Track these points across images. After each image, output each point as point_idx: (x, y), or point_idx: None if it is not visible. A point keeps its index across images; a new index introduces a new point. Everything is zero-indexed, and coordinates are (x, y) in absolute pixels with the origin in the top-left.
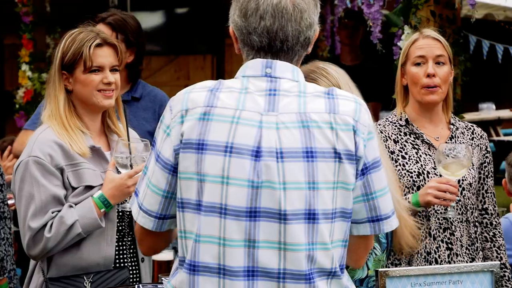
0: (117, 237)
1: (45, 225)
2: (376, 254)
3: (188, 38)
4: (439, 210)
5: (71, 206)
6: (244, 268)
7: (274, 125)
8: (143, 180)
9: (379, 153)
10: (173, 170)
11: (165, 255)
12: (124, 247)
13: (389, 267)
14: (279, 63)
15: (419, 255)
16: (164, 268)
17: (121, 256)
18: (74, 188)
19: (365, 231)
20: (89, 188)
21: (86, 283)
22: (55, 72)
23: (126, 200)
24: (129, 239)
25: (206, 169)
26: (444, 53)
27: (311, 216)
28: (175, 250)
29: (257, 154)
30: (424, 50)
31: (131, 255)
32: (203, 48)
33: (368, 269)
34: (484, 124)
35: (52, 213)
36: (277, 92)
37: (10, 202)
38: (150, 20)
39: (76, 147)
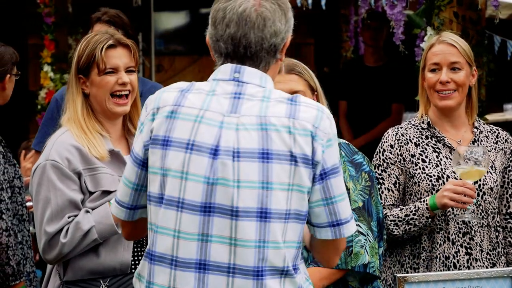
0: (134, 244)
1: (61, 230)
2: (370, 241)
3: None
4: (458, 213)
5: (87, 212)
6: (195, 261)
7: (234, 126)
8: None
9: (339, 160)
10: (142, 164)
11: None
12: (142, 252)
13: (407, 271)
14: (248, 69)
15: (437, 259)
16: None
17: (138, 261)
18: (91, 193)
19: (327, 236)
20: (106, 193)
21: (102, 286)
22: (72, 77)
23: None
24: (147, 245)
25: (168, 164)
26: (459, 59)
27: (263, 215)
28: None
29: (215, 152)
30: (438, 57)
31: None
32: None
33: (368, 255)
34: (509, 125)
35: (68, 218)
36: (241, 96)
37: (28, 204)
38: (173, 20)
39: (95, 150)
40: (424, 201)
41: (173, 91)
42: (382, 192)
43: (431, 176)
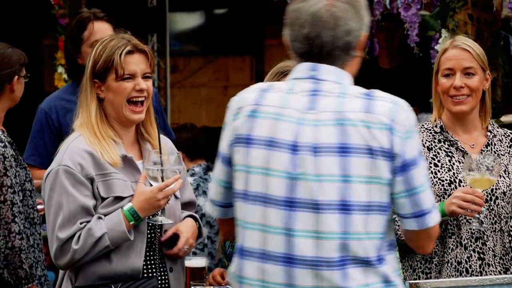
0: (147, 248)
1: (73, 236)
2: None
3: (227, 39)
4: (470, 220)
5: (100, 218)
6: (283, 255)
7: (312, 122)
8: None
9: (419, 151)
10: (229, 162)
11: (197, 261)
12: (154, 258)
13: (419, 276)
14: (324, 66)
15: (449, 264)
16: (197, 275)
17: (150, 267)
18: (103, 199)
19: (412, 226)
20: (119, 198)
21: None
22: (87, 81)
23: (157, 213)
24: (159, 251)
25: (251, 162)
26: (473, 64)
27: (344, 207)
28: (211, 256)
29: (294, 148)
30: (452, 62)
31: (161, 265)
32: (242, 49)
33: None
34: None
35: (81, 224)
36: (318, 93)
37: (39, 207)
38: (189, 21)
39: (107, 156)
40: None
41: (253, 91)
42: None
43: (443, 181)
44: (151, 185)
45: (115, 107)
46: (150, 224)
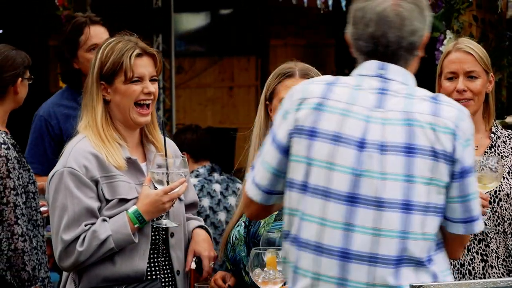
0: (151, 251)
1: (77, 238)
2: None
3: (232, 39)
4: None
5: (104, 220)
6: (339, 249)
7: (380, 120)
8: (260, 156)
9: (474, 160)
10: (285, 151)
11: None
12: (158, 260)
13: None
14: (392, 66)
15: (452, 266)
16: (201, 277)
17: (154, 270)
18: (108, 201)
19: (458, 231)
20: (123, 201)
21: None
22: (93, 82)
23: (161, 216)
24: (163, 253)
25: (315, 154)
26: (475, 68)
27: (406, 206)
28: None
29: (361, 145)
30: (455, 66)
31: (166, 268)
32: (247, 49)
33: None
34: None
35: (85, 226)
36: (386, 92)
37: (42, 209)
38: (194, 21)
39: (112, 159)
40: None
41: (320, 83)
42: None
43: None
44: (155, 187)
45: (122, 110)
46: (154, 226)
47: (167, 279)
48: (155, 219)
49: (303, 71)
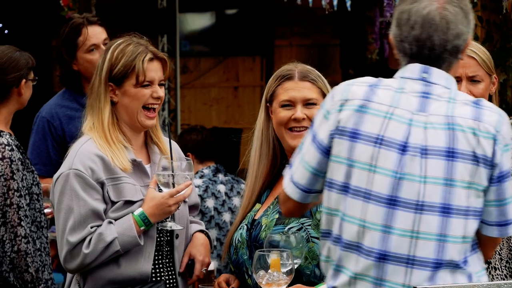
0: (155, 252)
1: (83, 240)
2: None
3: (237, 39)
4: None
5: (110, 222)
6: (377, 251)
7: (423, 124)
8: (298, 154)
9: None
10: (325, 151)
11: None
12: (162, 262)
13: None
14: (435, 70)
15: None
16: (205, 278)
17: (158, 271)
18: (113, 202)
19: (493, 234)
20: (129, 203)
21: None
22: (101, 84)
23: (166, 219)
24: (167, 255)
25: (356, 156)
26: (478, 72)
27: (445, 210)
28: (220, 257)
29: (403, 148)
30: (459, 71)
31: (169, 269)
32: (252, 49)
33: None
34: None
35: (91, 228)
36: (429, 96)
37: (46, 211)
38: (199, 21)
39: (118, 161)
40: None
41: (362, 85)
42: None
43: None
44: (160, 190)
45: (130, 112)
46: (160, 228)
47: (170, 280)
48: (160, 221)
49: (302, 73)
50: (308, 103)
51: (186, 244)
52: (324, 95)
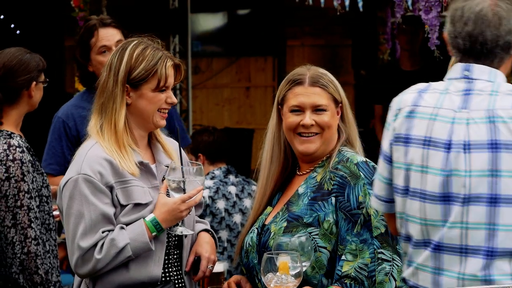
0: (165, 256)
1: (95, 245)
2: (397, 265)
3: (249, 39)
4: None
5: (122, 228)
6: (435, 242)
7: (465, 120)
8: (377, 170)
9: None
10: (390, 160)
11: (216, 266)
12: (170, 263)
13: None
14: (477, 66)
15: None
16: (215, 280)
17: (167, 272)
18: (122, 206)
19: None
20: (138, 205)
21: None
22: (117, 85)
23: (177, 224)
24: (175, 257)
25: (410, 159)
26: None
27: (492, 200)
28: (231, 259)
29: (448, 146)
30: None
31: (176, 268)
32: (264, 49)
33: (395, 280)
34: None
35: (102, 232)
36: (471, 92)
37: (55, 213)
38: (211, 22)
39: (126, 166)
40: None
41: (412, 92)
42: None
43: None
44: (168, 195)
45: (145, 114)
46: (171, 233)
47: (178, 280)
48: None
49: (313, 79)
50: (317, 109)
51: (192, 244)
52: (335, 101)
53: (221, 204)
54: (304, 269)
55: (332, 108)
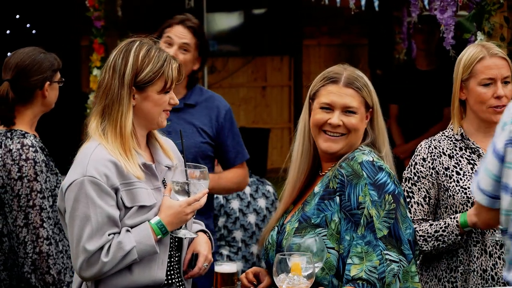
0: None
1: (101, 248)
2: (404, 266)
3: (265, 39)
4: (491, 232)
5: (128, 231)
6: None
7: None
8: (483, 163)
9: None
10: (502, 159)
11: (228, 267)
12: (172, 265)
13: (444, 286)
14: None
15: (475, 273)
16: (228, 281)
17: (168, 275)
18: (126, 208)
19: None
20: (143, 208)
21: None
22: (123, 87)
23: (180, 227)
24: (176, 259)
25: None
26: (509, 73)
27: None
28: (246, 259)
29: None
30: (494, 72)
31: (177, 270)
32: (280, 49)
33: (400, 281)
34: None
35: (108, 235)
36: None
37: None
38: (227, 21)
39: (132, 169)
40: (454, 218)
41: None
42: (412, 206)
43: (465, 189)
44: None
45: (150, 116)
46: (174, 236)
47: (179, 283)
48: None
49: (348, 80)
50: (347, 111)
51: (189, 244)
52: (366, 105)
53: (235, 204)
54: (316, 270)
55: (362, 111)
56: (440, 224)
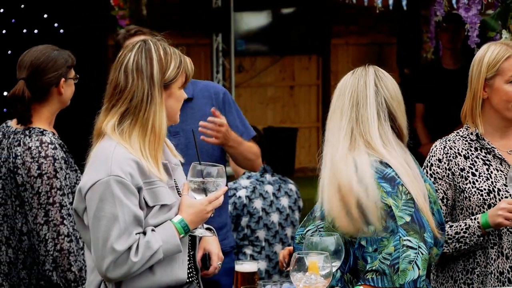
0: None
1: (129, 248)
2: (422, 254)
3: (293, 38)
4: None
5: (153, 230)
6: None
7: None
8: None
9: None
10: None
11: (248, 266)
12: (190, 263)
13: (461, 287)
14: None
15: (492, 275)
16: (248, 280)
17: (188, 273)
18: (148, 207)
19: None
20: (164, 207)
21: None
22: (155, 87)
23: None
24: (191, 256)
25: None
26: None
27: None
28: (269, 259)
29: None
30: None
31: (192, 269)
32: (308, 48)
33: (419, 268)
34: None
35: (136, 235)
36: None
37: None
38: (254, 20)
39: (155, 171)
40: (475, 219)
41: None
42: None
43: (482, 190)
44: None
45: (172, 113)
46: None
47: (196, 281)
48: None
49: None
50: None
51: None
52: None
53: (258, 204)
54: (334, 269)
55: None
56: (460, 226)
